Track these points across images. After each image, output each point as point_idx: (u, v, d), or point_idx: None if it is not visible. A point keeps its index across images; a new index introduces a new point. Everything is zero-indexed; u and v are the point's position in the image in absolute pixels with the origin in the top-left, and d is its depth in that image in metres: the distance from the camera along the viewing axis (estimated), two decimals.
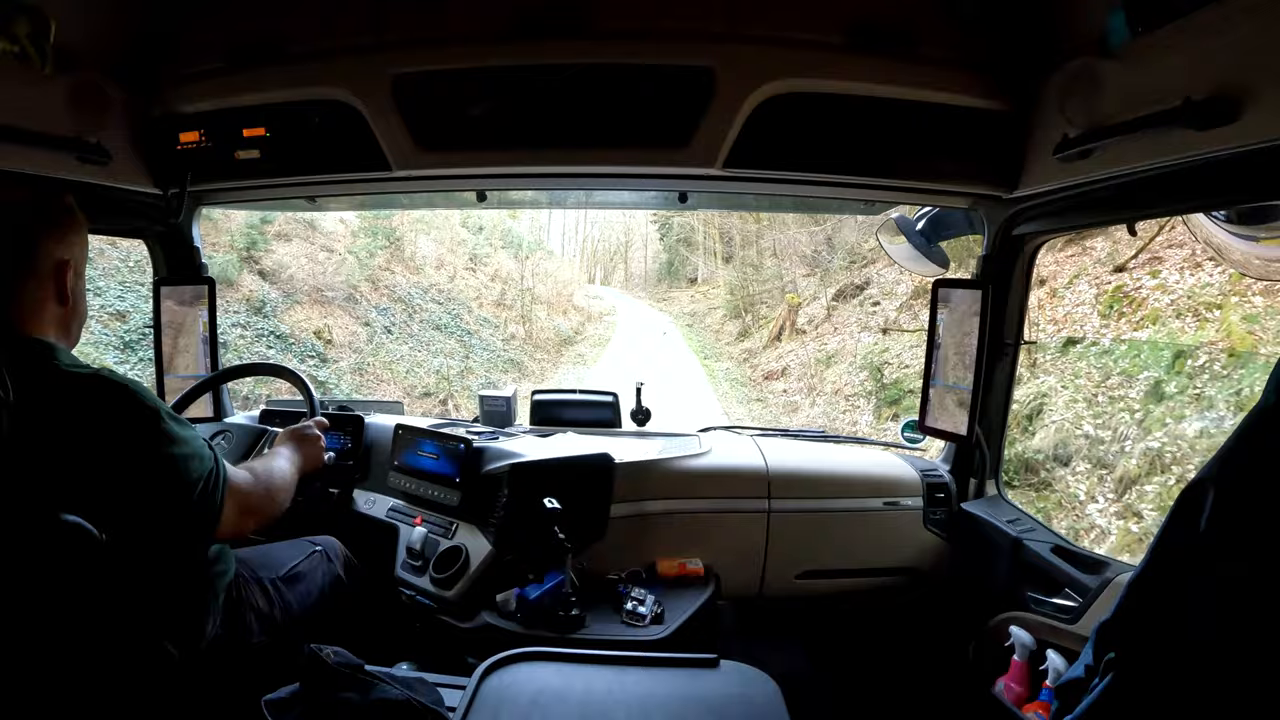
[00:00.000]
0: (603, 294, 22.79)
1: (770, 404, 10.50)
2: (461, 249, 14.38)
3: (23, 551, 0.83)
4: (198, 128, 1.53)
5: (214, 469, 0.98)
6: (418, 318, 11.14)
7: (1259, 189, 1.04)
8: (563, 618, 1.45)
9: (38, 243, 0.94)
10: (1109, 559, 1.41)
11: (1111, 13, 1.07)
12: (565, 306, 17.33)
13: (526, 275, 15.40)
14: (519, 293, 14.78)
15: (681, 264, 23.06)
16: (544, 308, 15.79)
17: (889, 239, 1.90)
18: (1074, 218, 1.44)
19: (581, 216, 24.89)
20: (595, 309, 19.46)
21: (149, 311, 3.99)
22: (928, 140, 1.40)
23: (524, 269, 15.51)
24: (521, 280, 15.19)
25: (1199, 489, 0.67)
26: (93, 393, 0.89)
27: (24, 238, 0.93)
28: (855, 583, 1.81)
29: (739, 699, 0.97)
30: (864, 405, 8.40)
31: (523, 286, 15.00)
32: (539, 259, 17.34)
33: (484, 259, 14.91)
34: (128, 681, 0.95)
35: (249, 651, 1.14)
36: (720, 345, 15.12)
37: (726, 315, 16.76)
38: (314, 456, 1.31)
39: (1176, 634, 0.66)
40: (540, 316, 15.05)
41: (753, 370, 12.29)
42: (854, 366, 9.24)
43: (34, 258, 0.94)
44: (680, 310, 20.51)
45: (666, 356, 13.99)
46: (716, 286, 19.79)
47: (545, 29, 1.35)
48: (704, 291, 20.62)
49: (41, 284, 0.95)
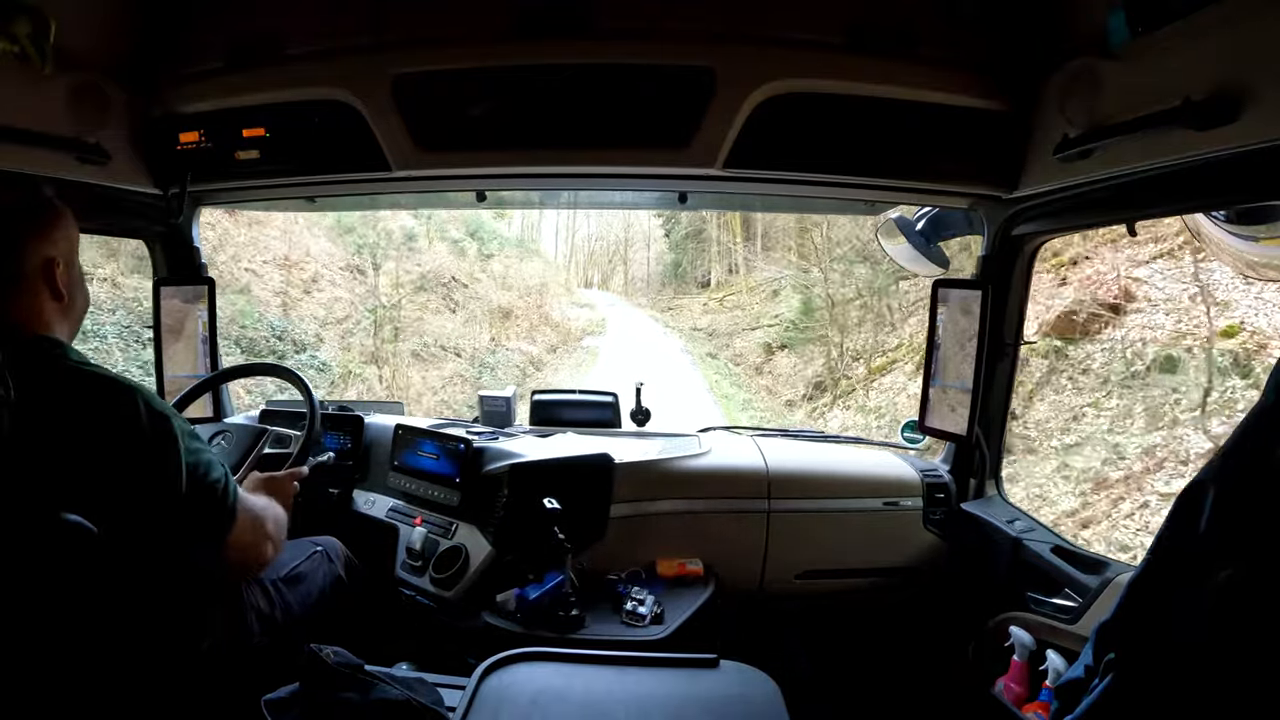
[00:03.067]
0: (595, 300, 18.48)
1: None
2: (344, 241, 9.52)
3: (23, 550, 0.83)
4: (198, 128, 1.53)
5: (225, 480, 0.98)
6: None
7: (1259, 189, 1.04)
8: (563, 618, 1.45)
9: (22, 245, 0.93)
10: (1109, 559, 1.41)
11: (1111, 13, 1.07)
12: (536, 321, 12.81)
13: (483, 277, 11.53)
14: (461, 301, 10.63)
15: (691, 264, 18.71)
16: (501, 325, 11.51)
17: (889, 239, 1.90)
18: (1074, 218, 1.44)
19: (575, 212, 19.33)
20: (578, 323, 14.70)
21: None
22: (927, 140, 1.40)
23: (478, 269, 11.64)
24: (469, 285, 11.14)
25: (1199, 489, 0.68)
26: (102, 391, 0.89)
27: (8, 244, 0.93)
28: (855, 583, 1.81)
29: (739, 699, 0.97)
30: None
31: (470, 294, 10.98)
32: (512, 258, 13.50)
33: (382, 255, 9.76)
34: (128, 681, 0.95)
35: (249, 651, 1.14)
36: (783, 408, 8.90)
37: (781, 343, 11.04)
38: (287, 506, 1.25)
39: (1176, 634, 0.66)
40: (473, 347, 10.27)
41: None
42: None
43: (20, 261, 0.93)
44: (689, 325, 15.18)
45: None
46: (738, 291, 15.18)
47: (545, 29, 1.35)
48: (720, 299, 15.90)
49: (35, 286, 0.94)
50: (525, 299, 12.89)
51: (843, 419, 7.54)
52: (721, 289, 16.64)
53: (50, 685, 0.87)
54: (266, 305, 7.69)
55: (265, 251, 8.24)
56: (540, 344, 12.23)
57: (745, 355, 12.13)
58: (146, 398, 0.92)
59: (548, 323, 13.23)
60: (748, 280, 14.98)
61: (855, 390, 7.98)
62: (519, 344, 11.50)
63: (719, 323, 14.35)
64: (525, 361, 10.97)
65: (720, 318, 14.65)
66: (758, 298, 14.13)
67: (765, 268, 13.96)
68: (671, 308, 17.71)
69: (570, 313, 15.18)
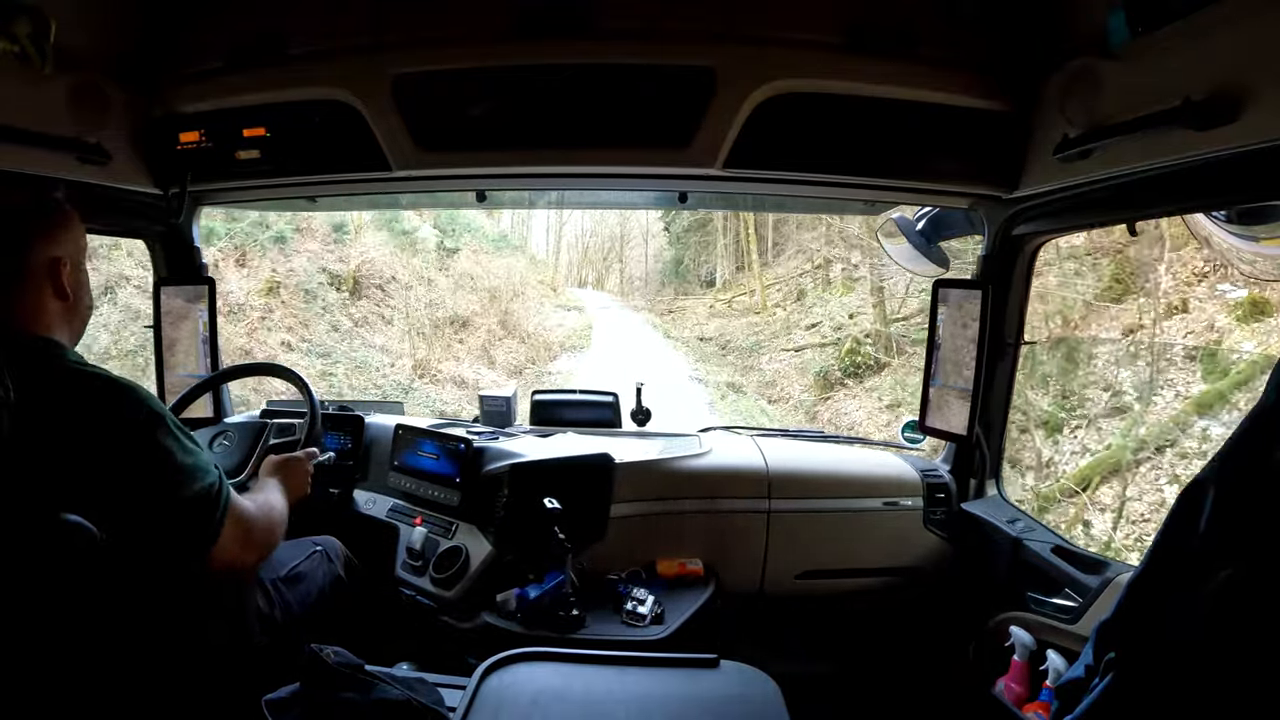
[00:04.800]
0: (585, 302, 15.90)
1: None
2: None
3: (22, 549, 0.83)
4: (198, 128, 1.53)
5: (218, 487, 0.97)
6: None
7: (1259, 189, 1.04)
8: (563, 618, 1.45)
9: (30, 245, 0.94)
10: (1109, 559, 1.41)
11: (1111, 13, 1.07)
12: (499, 333, 10.01)
13: (441, 276, 9.32)
14: (403, 309, 8.37)
15: (695, 260, 16.31)
16: (445, 341, 8.94)
17: (889, 239, 1.90)
18: (1074, 218, 1.44)
19: (564, 206, 18.00)
20: (558, 333, 11.64)
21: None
22: (928, 140, 1.40)
23: (437, 267, 9.35)
24: (415, 287, 8.79)
25: (1199, 489, 0.68)
26: (98, 392, 0.89)
27: (16, 242, 0.93)
28: (855, 583, 1.81)
29: (739, 699, 0.97)
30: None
31: (415, 299, 8.54)
32: (485, 254, 10.85)
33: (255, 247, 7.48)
34: (129, 680, 0.95)
35: (249, 651, 1.14)
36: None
37: (847, 368, 7.45)
38: (300, 487, 1.28)
39: (1176, 634, 0.66)
40: (384, 380, 7.71)
41: None
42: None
43: (28, 261, 0.93)
44: (695, 333, 12.03)
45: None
46: (750, 291, 12.41)
47: (545, 29, 1.35)
48: (728, 300, 13.26)
49: (39, 284, 0.95)
50: (494, 304, 10.18)
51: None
52: (730, 288, 14.11)
53: (50, 685, 0.87)
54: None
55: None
56: (500, 366, 9.30)
57: (783, 385, 8.50)
58: (142, 397, 0.92)
59: (516, 334, 10.17)
60: (762, 276, 12.48)
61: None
62: (462, 369, 8.56)
63: (732, 331, 11.10)
64: (452, 402, 7.69)
65: (733, 325, 11.64)
66: (777, 296, 11.45)
67: (780, 259, 11.66)
68: (673, 310, 15.01)
69: (551, 319, 12.26)
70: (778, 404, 8.33)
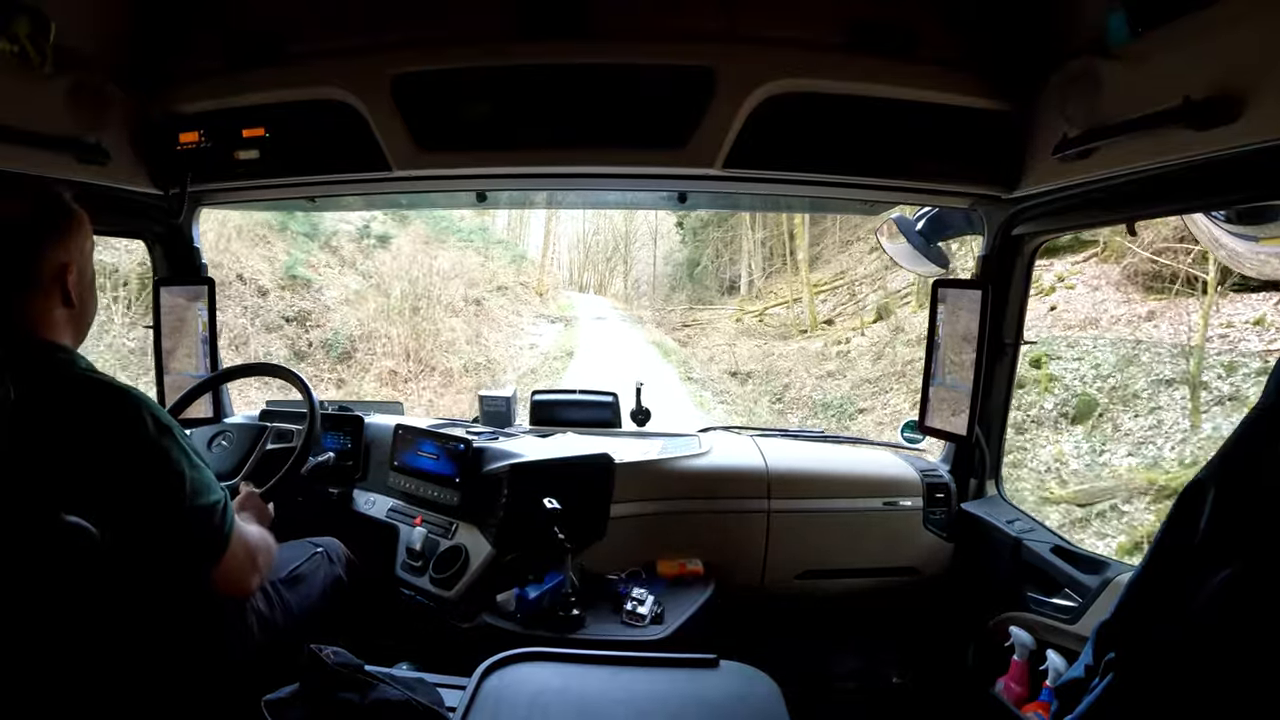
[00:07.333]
0: (579, 312, 13.28)
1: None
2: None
3: (23, 549, 0.83)
4: (197, 128, 1.53)
5: (223, 505, 0.97)
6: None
7: (1259, 189, 1.04)
8: (563, 618, 1.45)
9: (39, 251, 0.93)
10: (1109, 559, 1.41)
11: (1111, 13, 1.07)
12: (416, 370, 7.01)
13: (354, 277, 6.75)
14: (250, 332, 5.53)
15: (715, 262, 12.97)
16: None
17: (889, 239, 1.90)
18: (1074, 218, 1.44)
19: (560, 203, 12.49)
20: (525, 357, 8.75)
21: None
22: (928, 140, 1.40)
23: (364, 260, 6.84)
24: (262, 297, 6.01)
25: (1199, 489, 0.68)
26: (110, 400, 0.89)
27: (25, 247, 0.92)
28: (855, 583, 1.81)
29: (739, 699, 0.97)
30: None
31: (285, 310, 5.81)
32: (432, 244, 8.44)
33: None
34: (129, 681, 0.95)
35: (249, 652, 1.14)
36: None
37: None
38: (267, 517, 1.29)
39: (1176, 634, 0.66)
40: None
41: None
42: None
43: (36, 266, 0.93)
44: (724, 365, 8.32)
45: None
46: (788, 301, 9.11)
47: (545, 29, 1.35)
48: (759, 313, 9.72)
49: (47, 290, 0.94)
50: (437, 321, 7.18)
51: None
52: (761, 296, 10.77)
53: (50, 685, 0.87)
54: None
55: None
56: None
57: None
58: (153, 410, 0.92)
59: (440, 367, 6.78)
60: (810, 279, 9.01)
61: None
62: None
63: (782, 362, 7.23)
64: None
65: (780, 349, 7.88)
66: (824, 309, 8.05)
67: (825, 257, 7.46)
68: (689, 325, 11.63)
69: (524, 338, 9.09)
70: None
